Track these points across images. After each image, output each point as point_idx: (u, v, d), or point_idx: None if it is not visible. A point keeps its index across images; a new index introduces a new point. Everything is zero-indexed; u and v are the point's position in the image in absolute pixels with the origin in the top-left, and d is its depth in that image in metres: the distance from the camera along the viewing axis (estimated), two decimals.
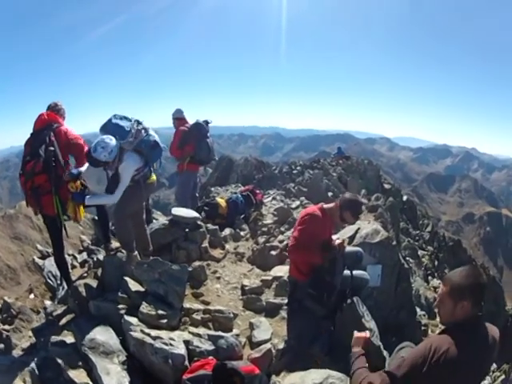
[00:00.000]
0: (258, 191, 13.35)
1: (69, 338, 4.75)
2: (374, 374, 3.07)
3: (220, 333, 5.03)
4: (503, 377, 19.36)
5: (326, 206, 5.90)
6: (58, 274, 7.07)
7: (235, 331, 5.57)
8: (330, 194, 14.96)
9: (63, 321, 5.48)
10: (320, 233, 5.69)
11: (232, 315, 5.80)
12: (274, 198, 15.74)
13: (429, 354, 2.83)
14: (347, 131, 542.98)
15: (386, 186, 30.38)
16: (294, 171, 24.14)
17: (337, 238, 6.08)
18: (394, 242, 8.26)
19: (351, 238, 7.87)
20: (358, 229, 8.11)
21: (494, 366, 17.95)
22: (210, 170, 45.52)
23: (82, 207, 6.30)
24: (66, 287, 6.85)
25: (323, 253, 5.52)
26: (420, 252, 21.65)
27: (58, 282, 7.29)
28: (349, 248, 6.45)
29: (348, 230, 8.21)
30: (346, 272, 5.71)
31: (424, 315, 10.52)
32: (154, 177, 6.75)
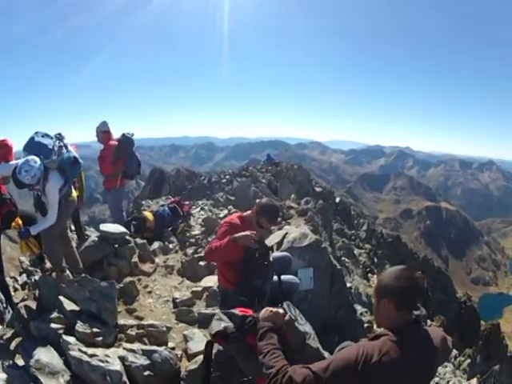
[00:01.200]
0: (185, 202, 13.64)
1: (20, 361, 4.74)
2: (296, 366, 2.86)
3: (154, 347, 5.14)
4: (469, 361, 20.26)
5: (245, 213, 6.04)
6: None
7: (170, 344, 5.72)
8: (257, 200, 15.40)
9: (13, 344, 5.38)
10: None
11: (165, 329, 5.89)
12: (202, 209, 16.26)
13: (359, 361, 2.71)
14: (278, 138, 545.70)
15: (318, 190, 30.84)
16: (223, 180, 24.52)
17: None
18: (324, 245, 8.43)
19: (279, 244, 8.11)
20: (286, 234, 8.35)
21: (455, 352, 18.69)
22: (142, 182, 45.11)
23: (31, 239, 6.26)
24: (11, 310, 6.51)
25: (234, 239, 5.51)
26: (357, 251, 22.99)
27: (4, 305, 7.29)
28: (277, 253, 6.76)
29: (275, 236, 8.50)
30: (275, 278, 5.93)
31: (366, 312, 10.79)
32: (74, 193, 6.85)
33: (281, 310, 3.61)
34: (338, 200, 34.38)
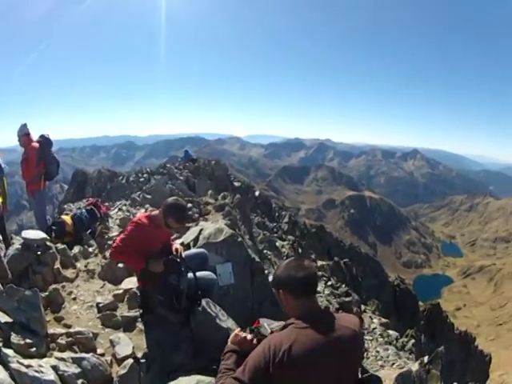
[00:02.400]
0: (101, 204, 13.38)
1: None
2: (228, 380, 2.91)
3: (83, 354, 5.17)
4: (413, 341, 20.53)
5: (153, 213, 6.15)
6: None
7: (99, 351, 5.73)
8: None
9: None
10: (145, 240, 5.91)
11: (92, 335, 5.88)
12: (119, 209, 16.43)
13: (269, 355, 2.80)
14: (198, 134, 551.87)
15: (236, 184, 31.53)
16: (141, 179, 24.11)
17: (181, 243, 6.35)
18: (240, 239, 8.59)
19: (195, 240, 8.26)
20: (201, 230, 8.54)
21: (395, 333, 18.94)
22: (66, 186, 44.15)
23: None
24: None
25: (146, 263, 5.78)
26: (279, 243, 22.89)
27: None
28: (193, 250, 6.95)
29: (191, 233, 8.71)
30: (190, 275, 5.93)
31: None
32: None
33: (249, 336, 3.46)
34: (257, 194, 36.56)
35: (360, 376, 3.33)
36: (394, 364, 13.59)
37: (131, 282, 7.81)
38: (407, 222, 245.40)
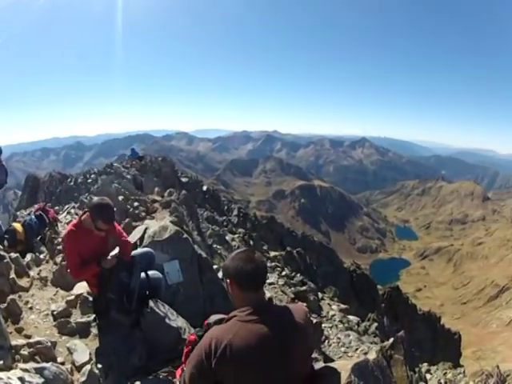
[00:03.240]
0: (50, 208, 13.21)
1: None
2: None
3: (44, 364, 5.09)
4: (376, 324, 20.58)
5: (83, 217, 5.92)
6: None
7: (59, 359, 5.70)
8: (120, 197, 15.09)
9: None
10: (85, 247, 5.83)
11: (50, 344, 5.81)
12: (68, 213, 16.30)
13: (210, 350, 2.82)
14: (146, 131, 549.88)
15: (184, 180, 32.42)
16: (89, 180, 24.13)
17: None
18: (185, 235, 8.57)
19: (141, 240, 8.31)
20: (146, 228, 8.58)
21: (356, 318, 19.02)
22: (19, 192, 43.34)
23: None
24: None
25: (99, 264, 5.77)
26: (229, 236, 22.85)
27: None
28: (139, 250, 6.93)
29: (137, 232, 8.76)
30: (142, 275, 6.00)
31: None
32: None
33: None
34: (205, 188, 36.24)
35: (316, 367, 3.39)
36: (357, 349, 13.48)
37: (82, 287, 7.78)
38: (359, 209, 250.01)
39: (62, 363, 5.55)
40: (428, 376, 17.13)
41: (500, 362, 51.28)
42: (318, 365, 3.58)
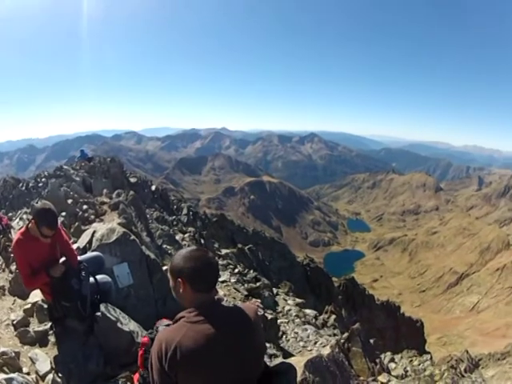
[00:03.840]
0: (3, 215, 13.00)
1: None
2: None
3: (11, 374, 4.96)
4: (334, 316, 20.64)
5: (30, 225, 5.78)
6: None
7: (25, 369, 5.63)
8: (70, 201, 14.82)
9: None
10: (34, 255, 5.67)
11: (13, 354, 5.68)
12: (21, 219, 16.03)
13: (161, 353, 2.79)
14: (96, 131, 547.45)
15: (132, 180, 32.03)
16: (40, 184, 23.82)
17: (77, 247, 6.24)
18: (132, 237, 8.47)
19: (89, 243, 8.18)
20: (94, 232, 8.45)
21: (313, 312, 19.11)
22: None
23: None
24: None
25: (48, 273, 5.67)
26: (180, 236, 22.54)
27: None
28: (88, 254, 6.96)
29: (85, 236, 8.62)
30: (91, 279, 5.97)
31: None
32: None
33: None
34: (154, 188, 36.77)
35: (271, 365, 3.30)
36: (316, 343, 13.50)
37: (37, 295, 7.60)
38: (309, 203, 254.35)
39: (28, 373, 5.52)
40: (393, 365, 17.13)
41: (469, 347, 52.78)
42: (277, 361, 3.44)
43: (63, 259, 5.87)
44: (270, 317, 12.76)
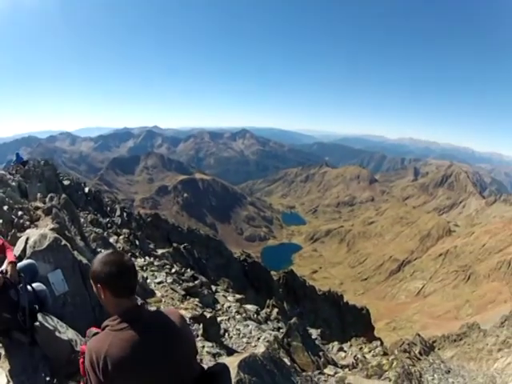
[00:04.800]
0: None
1: None
2: None
3: None
4: (277, 310, 20.62)
5: None
6: None
7: None
8: (5, 207, 14.44)
9: None
10: None
11: None
12: None
13: (94, 364, 2.76)
14: (31, 133, 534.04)
15: (66, 183, 31.68)
16: None
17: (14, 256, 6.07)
18: (64, 242, 8.16)
19: (23, 251, 7.72)
20: (27, 239, 8.01)
21: (254, 307, 19.15)
22: None
23: None
24: None
25: None
26: (114, 238, 22.48)
27: None
28: (23, 262, 6.48)
29: (19, 244, 8.09)
30: (28, 288, 5.69)
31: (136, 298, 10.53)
32: None
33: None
34: (87, 190, 36.08)
35: (206, 367, 3.27)
36: (259, 338, 13.69)
37: None
38: (243, 199, 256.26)
39: None
40: (342, 354, 17.41)
41: (420, 331, 53.93)
42: (221, 359, 3.40)
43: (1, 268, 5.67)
44: (208, 315, 12.66)
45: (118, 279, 2.90)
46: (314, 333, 21.66)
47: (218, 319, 14.04)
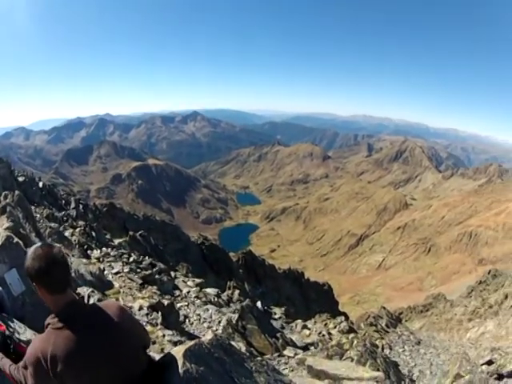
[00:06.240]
0: None
1: None
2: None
3: None
4: (238, 291, 20.48)
5: None
6: None
7: None
8: None
9: None
10: None
11: None
12: None
13: (42, 364, 2.69)
14: None
15: (20, 179, 31.10)
16: None
17: None
18: (16, 240, 8.05)
19: None
20: None
21: (214, 290, 18.81)
22: None
23: None
24: None
25: None
26: (70, 231, 22.36)
27: None
28: None
29: None
30: None
31: (93, 292, 11.02)
32: None
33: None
34: (41, 185, 35.41)
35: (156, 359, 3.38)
36: (220, 322, 13.73)
37: None
38: (197, 182, 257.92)
39: None
40: (306, 332, 17.47)
41: (385, 303, 54.58)
42: (183, 346, 3.42)
43: None
44: (166, 302, 12.64)
45: (48, 275, 2.77)
46: (278, 311, 21.63)
47: (178, 305, 14.13)
